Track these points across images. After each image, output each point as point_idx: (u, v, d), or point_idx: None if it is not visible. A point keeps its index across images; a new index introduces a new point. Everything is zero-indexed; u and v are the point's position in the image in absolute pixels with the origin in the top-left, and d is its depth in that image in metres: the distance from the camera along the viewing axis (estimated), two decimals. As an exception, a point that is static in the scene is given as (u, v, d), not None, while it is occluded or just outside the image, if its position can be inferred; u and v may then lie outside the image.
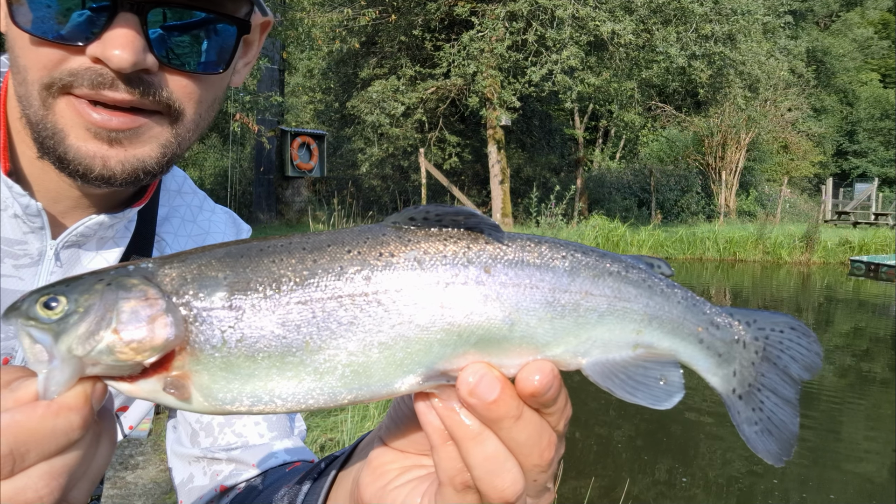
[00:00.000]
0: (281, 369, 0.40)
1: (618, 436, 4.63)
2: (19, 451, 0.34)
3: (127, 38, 0.50)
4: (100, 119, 0.52)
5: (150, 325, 0.38)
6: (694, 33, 14.57)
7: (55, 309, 0.38)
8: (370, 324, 0.41)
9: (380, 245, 0.43)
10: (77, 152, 0.53)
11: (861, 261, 14.82)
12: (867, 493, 3.85)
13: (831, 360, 7.05)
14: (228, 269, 0.40)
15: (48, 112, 0.53)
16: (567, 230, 13.96)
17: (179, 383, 0.39)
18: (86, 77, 0.51)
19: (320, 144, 16.73)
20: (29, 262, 0.60)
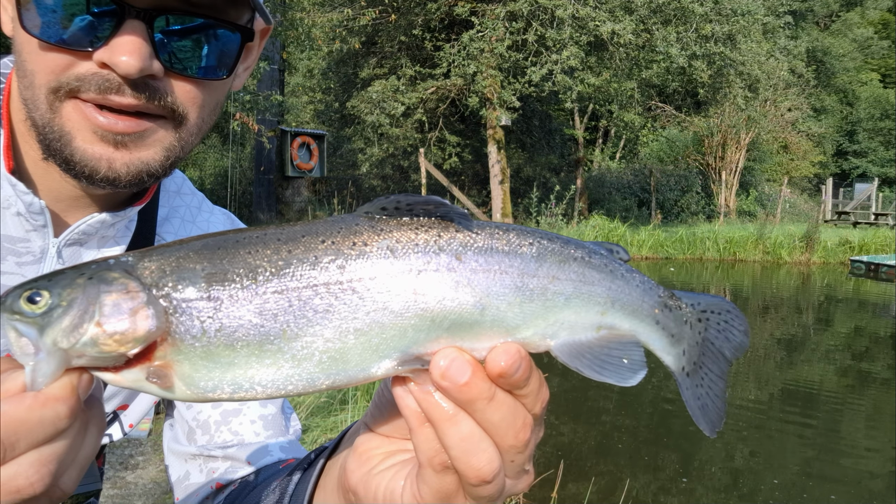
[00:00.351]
0: (260, 357, 0.41)
1: (618, 436, 4.63)
2: (9, 440, 0.35)
3: (134, 45, 0.51)
4: (106, 122, 0.54)
5: (132, 317, 0.39)
6: (694, 33, 14.57)
7: (39, 303, 0.39)
8: (345, 311, 0.42)
9: (353, 234, 0.44)
10: (83, 154, 0.54)
11: (861, 261, 14.82)
12: (867, 492, 3.85)
13: (831, 360, 7.05)
14: (206, 261, 0.41)
15: (55, 115, 0.54)
16: (567, 230, 13.96)
17: (162, 372, 0.40)
18: (93, 82, 0.52)
19: (320, 144, 16.73)
20: (31, 260, 0.61)
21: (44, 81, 0.53)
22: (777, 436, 4.74)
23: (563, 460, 3.83)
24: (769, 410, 5.29)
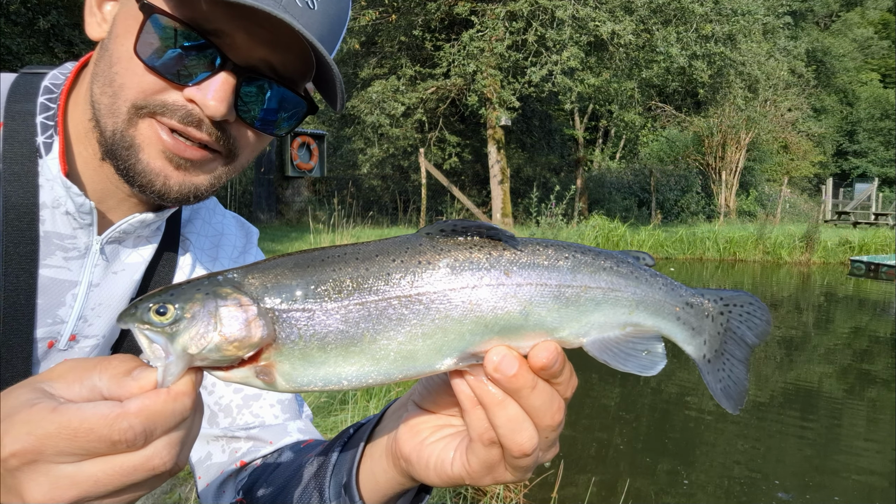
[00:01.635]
0: (346, 357, 0.50)
1: (618, 436, 4.64)
2: (149, 428, 0.43)
3: (224, 93, 0.61)
4: (175, 146, 0.62)
5: (248, 326, 0.47)
6: (694, 33, 14.57)
7: (165, 315, 0.46)
8: (415, 319, 0.51)
9: (418, 254, 0.53)
10: (146, 167, 0.63)
11: (861, 261, 14.82)
12: (868, 492, 3.86)
13: (831, 361, 7.05)
14: (299, 278, 0.50)
15: (130, 127, 0.62)
16: (567, 230, 13.96)
17: (267, 371, 0.48)
18: (179, 112, 0.61)
19: (320, 144, 16.73)
20: (77, 255, 0.68)
21: (131, 96, 0.61)
22: (778, 436, 4.74)
23: (563, 460, 3.83)
24: (770, 410, 5.30)
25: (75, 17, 9.40)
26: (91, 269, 0.70)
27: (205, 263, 0.83)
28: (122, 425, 0.42)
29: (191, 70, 0.61)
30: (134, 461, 0.42)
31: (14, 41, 8.88)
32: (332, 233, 8.71)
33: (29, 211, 0.64)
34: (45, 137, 0.66)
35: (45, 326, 0.67)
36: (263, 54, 0.63)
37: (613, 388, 5.81)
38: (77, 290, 0.69)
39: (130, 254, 0.73)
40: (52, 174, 0.66)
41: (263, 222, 15.65)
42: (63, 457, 0.41)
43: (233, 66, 0.62)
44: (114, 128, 0.62)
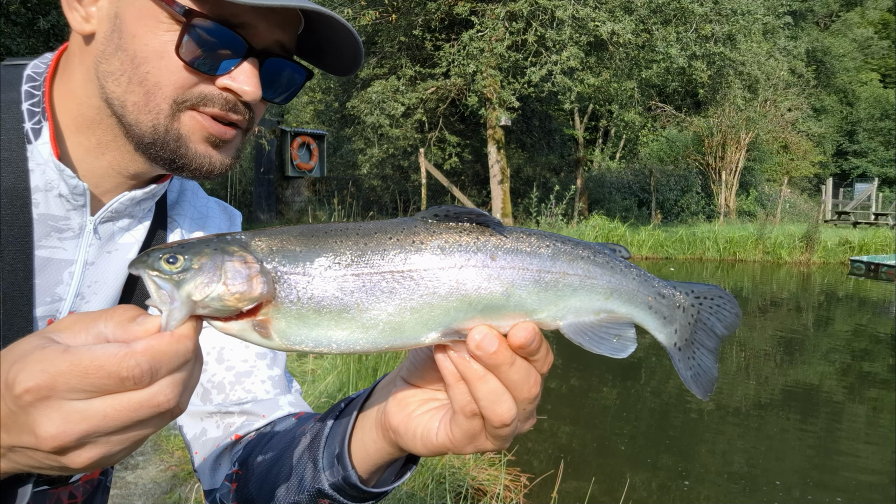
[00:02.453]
0: (338, 322, 0.53)
1: (618, 436, 4.63)
2: (154, 367, 0.46)
3: (256, 78, 0.68)
4: (219, 131, 0.69)
5: (250, 281, 0.51)
6: (694, 33, 14.56)
7: (175, 264, 0.50)
8: (405, 293, 0.55)
9: (413, 234, 0.57)
10: (195, 154, 0.69)
11: (861, 261, 14.82)
12: (868, 492, 3.85)
13: (831, 361, 7.05)
14: (303, 245, 0.54)
15: (174, 121, 0.68)
16: (567, 230, 13.96)
17: (263, 326, 0.52)
18: (218, 101, 0.68)
19: (320, 144, 16.72)
20: (71, 236, 0.72)
21: (170, 94, 0.67)
22: (778, 435, 4.74)
23: (563, 460, 3.83)
24: (770, 410, 5.29)
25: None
26: (86, 248, 0.73)
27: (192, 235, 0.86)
28: (130, 363, 0.44)
29: (220, 61, 0.67)
30: (140, 397, 0.45)
31: (14, 41, 8.88)
32: (332, 233, 8.72)
33: (21, 195, 0.67)
34: (33, 124, 0.69)
35: (45, 305, 0.70)
36: (277, 36, 0.70)
37: (613, 388, 5.81)
38: (73, 269, 0.72)
39: (123, 235, 0.77)
40: (42, 158, 0.69)
41: (263, 222, 15.65)
42: (74, 393, 0.44)
43: (256, 52, 0.68)
44: (154, 123, 0.67)
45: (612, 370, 6.42)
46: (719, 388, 5.89)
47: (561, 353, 6.96)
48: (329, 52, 0.76)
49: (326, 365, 4.39)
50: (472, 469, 3.23)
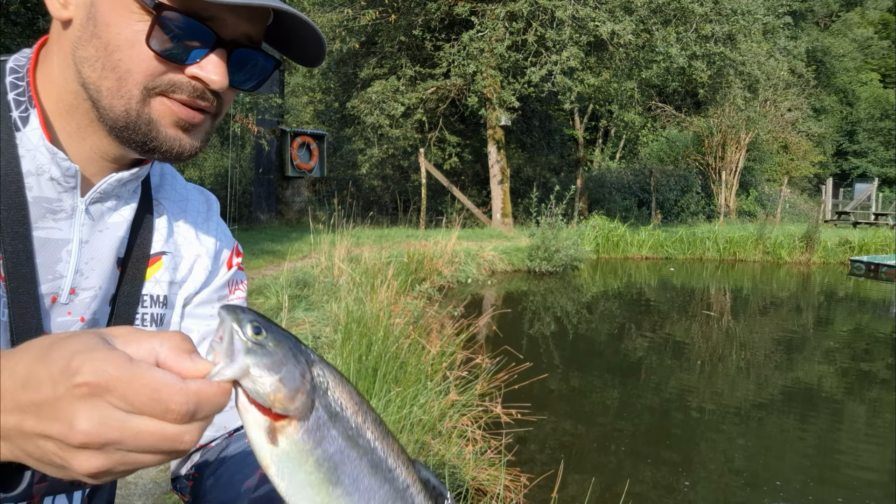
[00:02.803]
0: (319, 488, 0.54)
1: (618, 436, 4.64)
2: (197, 410, 0.48)
3: (223, 68, 0.71)
4: (188, 116, 0.72)
5: (295, 393, 0.52)
6: (694, 33, 14.56)
7: (258, 335, 0.52)
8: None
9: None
10: (165, 137, 0.72)
11: (861, 261, 14.82)
12: (868, 492, 3.86)
13: (831, 361, 7.05)
14: (348, 404, 0.56)
15: (145, 106, 0.71)
16: (567, 230, 13.96)
17: (272, 432, 0.53)
18: (186, 89, 0.71)
19: (320, 144, 16.71)
20: (65, 216, 0.75)
21: (141, 80, 0.70)
22: (778, 436, 4.74)
23: (563, 460, 3.83)
24: (770, 410, 5.30)
25: (75, 18, 9.38)
26: (79, 227, 0.76)
27: (176, 224, 0.90)
28: (181, 398, 0.47)
29: (189, 51, 0.70)
30: (172, 431, 0.47)
31: (14, 41, 8.88)
32: (332, 233, 8.71)
33: (15, 179, 0.71)
34: (20, 112, 0.73)
35: (47, 283, 0.74)
36: (245, 28, 0.73)
37: (614, 388, 5.82)
38: (70, 247, 0.75)
39: (112, 215, 0.80)
40: (32, 144, 0.72)
41: (263, 222, 15.65)
42: (122, 402, 0.46)
43: (224, 43, 0.71)
44: (126, 108, 0.70)
45: (612, 370, 6.42)
46: (720, 388, 5.89)
47: (561, 353, 6.97)
48: (295, 43, 0.80)
49: (326, 365, 4.39)
50: (472, 469, 3.23)
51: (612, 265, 14.76)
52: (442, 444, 3.39)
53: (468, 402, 3.90)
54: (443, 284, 9.32)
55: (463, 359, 4.47)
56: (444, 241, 10.46)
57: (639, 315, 9.35)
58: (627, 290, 11.46)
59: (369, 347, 4.09)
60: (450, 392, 3.84)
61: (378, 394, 3.70)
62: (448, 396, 3.78)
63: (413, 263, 9.05)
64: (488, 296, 10.15)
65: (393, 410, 3.44)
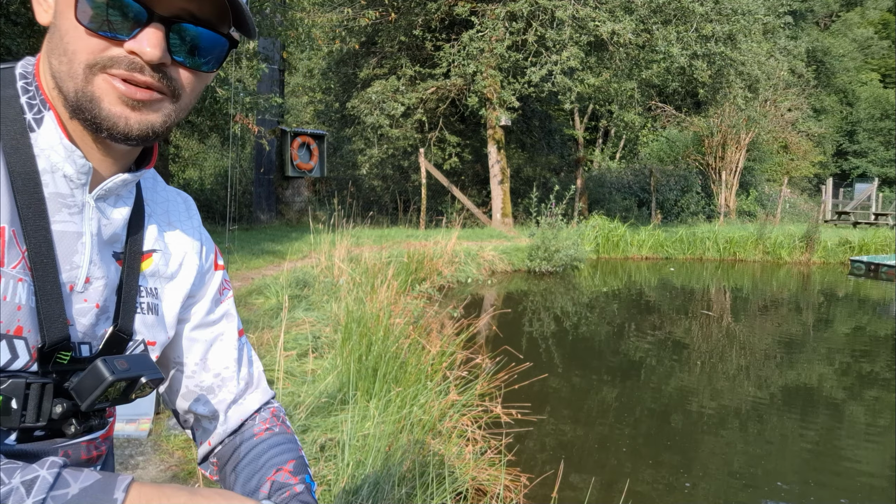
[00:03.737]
0: None
1: (619, 435, 4.64)
2: None
3: (157, 40, 0.73)
4: (127, 90, 0.74)
5: None
6: (694, 33, 14.56)
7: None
8: None
9: None
10: (108, 113, 0.74)
11: (861, 261, 14.82)
12: (869, 492, 3.86)
13: (831, 361, 7.05)
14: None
15: (88, 84, 0.73)
16: (567, 230, 13.96)
17: None
18: (123, 62, 0.73)
19: (320, 144, 16.71)
20: (77, 211, 0.79)
21: (83, 59, 0.72)
22: (778, 436, 4.74)
23: (563, 460, 3.83)
24: (770, 410, 5.30)
25: (75, 18, 9.36)
26: (89, 221, 0.80)
27: (162, 224, 0.94)
28: None
29: (125, 28, 0.72)
30: None
31: (14, 41, 8.87)
32: (332, 233, 8.71)
33: (32, 177, 0.75)
34: (34, 114, 0.77)
35: (66, 272, 0.78)
36: (182, 4, 0.75)
37: (614, 388, 5.82)
38: (84, 240, 0.80)
39: (113, 211, 0.84)
40: (46, 144, 0.77)
41: (263, 222, 15.65)
42: None
43: (159, 18, 0.73)
44: (75, 88, 0.73)
45: (612, 370, 6.42)
46: (720, 388, 5.89)
47: (561, 353, 6.97)
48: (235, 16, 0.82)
49: (326, 365, 4.40)
50: (472, 469, 3.23)
51: (612, 265, 14.76)
52: (442, 444, 3.39)
53: (468, 402, 3.90)
54: (443, 284, 9.32)
55: (463, 359, 4.47)
56: (444, 241, 10.46)
57: (639, 315, 9.35)
58: (627, 290, 11.46)
59: (369, 347, 4.09)
60: (450, 392, 3.84)
61: (378, 394, 3.69)
62: (448, 396, 3.78)
63: (413, 263, 9.05)
64: (488, 296, 10.15)
65: (393, 410, 3.44)
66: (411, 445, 3.14)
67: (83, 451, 0.80)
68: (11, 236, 0.73)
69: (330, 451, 3.15)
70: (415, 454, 3.08)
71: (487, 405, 3.91)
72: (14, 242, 0.73)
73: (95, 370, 0.70)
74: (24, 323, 0.70)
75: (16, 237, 0.73)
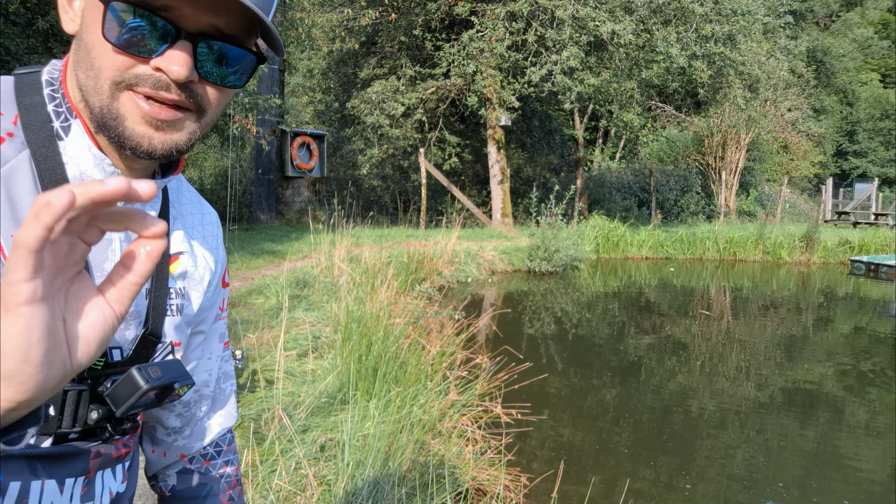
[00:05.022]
0: None
1: (619, 435, 4.64)
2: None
3: (184, 59, 0.71)
4: (150, 110, 0.73)
5: None
6: (694, 33, 14.56)
7: None
8: None
9: None
10: (132, 132, 0.73)
11: (861, 261, 14.82)
12: (869, 492, 3.86)
13: (831, 361, 7.05)
14: None
15: (114, 101, 0.73)
16: (567, 230, 13.96)
17: None
18: (149, 81, 0.72)
19: (320, 144, 16.71)
20: None
21: (109, 75, 0.72)
22: (779, 436, 4.74)
23: (563, 460, 3.83)
24: (770, 410, 5.30)
25: (75, 18, 9.37)
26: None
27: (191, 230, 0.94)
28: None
29: (152, 44, 0.71)
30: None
31: (13, 41, 8.88)
32: (332, 233, 8.71)
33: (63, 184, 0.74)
34: (61, 122, 0.77)
35: (98, 279, 0.78)
36: (209, 20, 0.73)
37: (614, 388, 5.81)
38: (114, 246, 0.80)
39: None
40: (74, 152, 0.77)
41: (263, 222, 15.64)
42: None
43: (185, 34, 0.72)
44: (100, 104, 0.73)
45: (613, 370, 6.42)
46: (720, 388, 5.89)
47: (560, 353, 6.96)
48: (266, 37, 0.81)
49: (326, 365, 4.39)
50: (472, 469, 3.23)
51: (612, 265, 14.76)
52: (442, 444, 3.39)
53: (468, 402, 3.90)
54: (443, 284, 9.32)
55: (463, 359, 4.47)
56: (444, 241, 10.46)
57: (639, 315, 9.35)
58: (627, 290, 11.46)
59: (369, 347, 4.09)
60: (450, 392, 3.84)
61: (378, 394, 3.69)
62: (448, 396, 3.78)
63: (413, 263, 9.05)
64: (488, 296, 10.14)
65: (393, 410, 3.43)
66: (411, 445, 3.14)
67: (114, 449, 0.81)
68: None
69: (330, 451, 3.15)
70: (415, 454, 3.08)
71: (487, 405, 3.91)
72: None
73: (130, 378, 0.71)
74: None
75: None
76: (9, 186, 0.72)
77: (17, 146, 0.74)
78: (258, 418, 3.44)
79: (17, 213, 0.72)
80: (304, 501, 2.69)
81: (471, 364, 4.34)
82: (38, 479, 0.68)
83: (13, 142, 0.74)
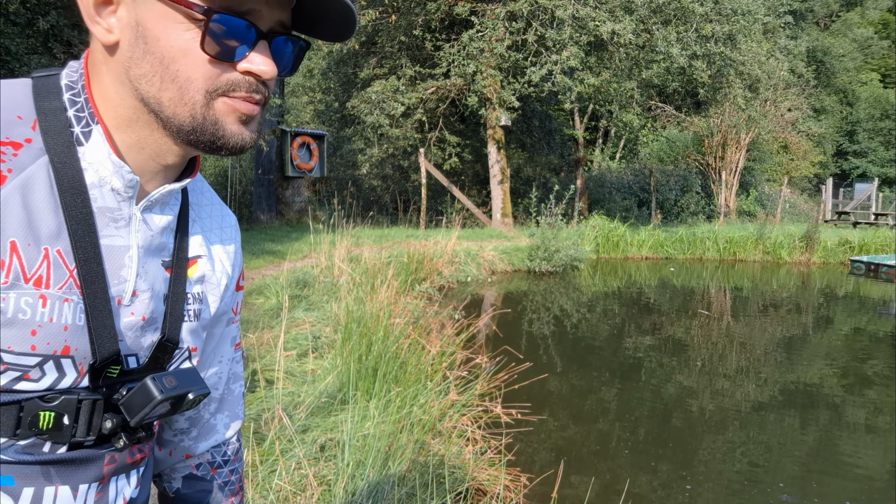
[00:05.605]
0: None
1: (618, 435, 4.64)
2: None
3: (269, 58, 0.76)
4: (248, 110, 0.77)
5: None
6: (694, 33, 14.56)
7: None
8: None
9: None
10: (230, 133, 0.77)
11: (861, 261, 14.82)
12: (869, 492, 3.86)
13: (831, 361, 7.05)
14: None
15: (210, 109, 0.75)
16: (567, 230, 13.96)
17: None
18: (243, 85, 0.76)
19: (320, 144, 16.71)
20: (124, 224, 0.80)
21: (202, 85, 0.74)
22: (779, 436, 4.74)
23: (563, 460, 3.83)
24: (770, 410, 5.30)
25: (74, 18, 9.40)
26: (136, 234, 0.81)
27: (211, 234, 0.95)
28: None
29: (237, 49, 0.74)
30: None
31: (13, 42, 8.87)
32: (332, 233, 8.71)
33: (81, 191, 0.75)
34: (82, 128, 0.77)
35: (114, 287, 0.78)
36: (278, 16, 0.77)
37: (614, 388, 5.82)
38: (131, 253, 0.80)
39: (159, 219, 0.85)
40: (94, 158, 0.76)
41: (263, 222, 15.64)
42: None
43: (264, 34, 0.76)
44: (192, 114, 0.75)
45: (613, 370, 6.42)
46: (720, 388, 5.89)
47: (560, 353, 6.96)
48: (319, 20, 0.83)
49: (326, 365, 4.39)
50: (472, 469, 3.23)
51: (612, 265, 14.76)
52: (442, 444, 3.39)
53: (468, 402, 3.90)
54: (443, 284, 9.32)
55: (463, 359, 4.47)
56: (444, 241, 10.46)
57: (639, 315, 9.35)
58: (627, 290, 11.46)
59: (369, 347, 4.09)
60: (450, 392, 3.84)
61: (378, 394, 3.70)
62: (448, 396, 3.78)
63: (413, 263, 9.05)
64: (488, 296, 10.14)
65: (393, 410, 3.43)
66: (411, 445, 3.14)
67: (128, 455, 0.81)
68: (57, 256, 0.73)
69: (330, 451, 3.15)
70: (415, 454, 3.08)
71: (487, 405, 3.91)
72: (60, 262, 0.73)
73: (145, 389, 0.71)
74: (70, 342, 0.71)
75: (62, 256, 0.73)
76: (25, 195, 0.72)
77: (35, 152, 0.74)
78: (258, 418, 3.44)
79: (34, 222, 0.72)
80: (304, 501, 2.70)
81: (471, 364, 4.34)
82: (52, 485, 0.69)
83: (31, 148, 0.74)
